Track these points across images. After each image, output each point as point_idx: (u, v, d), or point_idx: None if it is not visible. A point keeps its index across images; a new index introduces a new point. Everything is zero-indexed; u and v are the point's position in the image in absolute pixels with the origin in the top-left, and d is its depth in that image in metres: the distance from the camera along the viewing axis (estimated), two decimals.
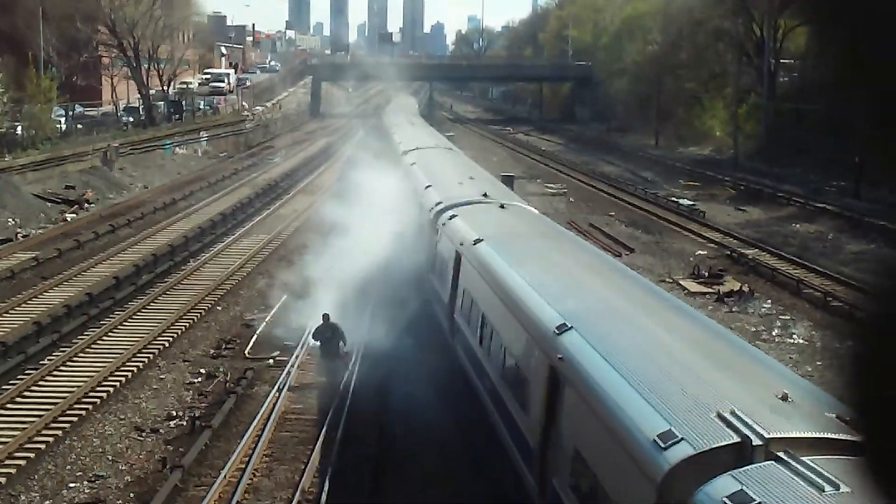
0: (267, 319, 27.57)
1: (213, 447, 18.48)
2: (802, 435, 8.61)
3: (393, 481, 17.11)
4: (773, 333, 27.91)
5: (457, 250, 20.78)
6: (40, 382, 21.93)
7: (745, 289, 32.58)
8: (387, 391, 21.15)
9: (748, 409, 9.04)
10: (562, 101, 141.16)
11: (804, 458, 8.09)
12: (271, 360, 24.19)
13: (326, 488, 16.25)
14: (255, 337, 26.18)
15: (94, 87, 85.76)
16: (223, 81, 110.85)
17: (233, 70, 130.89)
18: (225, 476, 16.78)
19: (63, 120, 67.70)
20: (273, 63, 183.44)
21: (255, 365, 23.76)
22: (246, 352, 25.08)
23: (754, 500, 7.64)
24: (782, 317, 29.71)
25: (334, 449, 17.93)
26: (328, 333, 22.45)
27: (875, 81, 1.72)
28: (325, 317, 22.73)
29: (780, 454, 8.29)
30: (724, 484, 8.09)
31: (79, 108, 74.85)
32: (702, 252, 40.12)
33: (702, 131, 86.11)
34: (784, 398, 9.33)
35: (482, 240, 19.33)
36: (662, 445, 8.99)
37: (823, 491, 7.49)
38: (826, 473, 7.67)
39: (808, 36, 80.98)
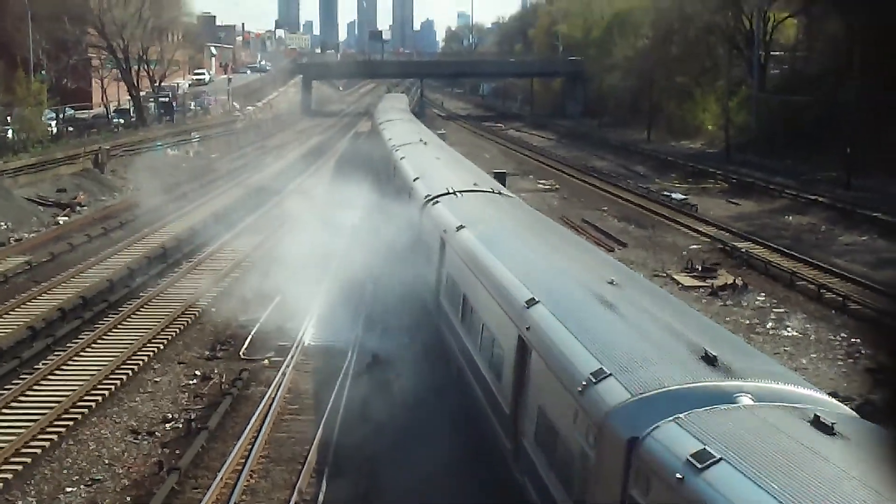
0: (262, 320, 27.53)
1: (210, 449, 18.48)
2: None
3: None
4: (767, 326, 27.95)
5: (441, 236, 21.80)
6: (35, 387, 21.89)
7: (739, 282, 32.61)
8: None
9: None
10: (553, 96, 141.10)
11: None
12: (266, 361, 24.19)
13: (324, 488, 16.28)
14: (249, 337, 26.16)
15: (84, 90, 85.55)
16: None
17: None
18: (222, 478, 16.77)
19: (54, 123, 67.64)
20: (263, 63, 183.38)
21: (250, 366, 23.74)
22: (241, 353, 25.06)
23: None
24: (776, 309, 29.75)
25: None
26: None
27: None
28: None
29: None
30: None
31: (69, 111, 74.77)
32: (695, 246, 40.16)
33: (693, 125, 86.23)
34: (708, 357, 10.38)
35: (464, 226, 20.40)
36: (594, 381, 10.55)
37: None
38: None
39: (798, 27, 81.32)
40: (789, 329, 27.66)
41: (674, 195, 53.83)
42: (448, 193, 24.76)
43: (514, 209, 24.47)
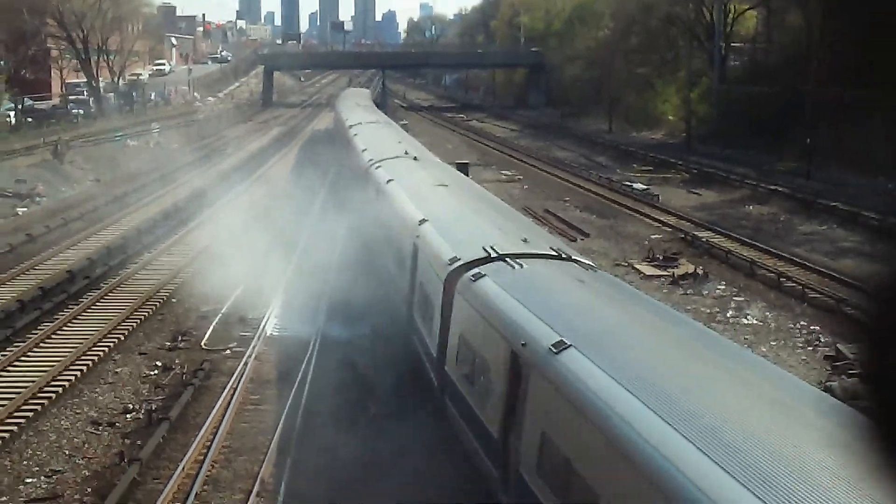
0: (223, 311, 27.44)
1: (171, 440, 18.39)
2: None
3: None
4: (728, 315, 28.13)
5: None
6: None
7: (700, 271, 32.80)
8: None
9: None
10: (515, 87, 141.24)
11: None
12: (228, 351, 24.11)
13: (285, 478, 16.26)
14: (211, 328, 26.06)
15: (43, 80, 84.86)
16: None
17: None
18: (183, 468, 16.70)
19: (12, 114, 67.05)
20: (224, 53, 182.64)
21: (211, 356, 23.65)
22: (202, 343, 24.96)
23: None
24: (736, 298, 29.95)
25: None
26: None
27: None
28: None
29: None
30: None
31: (28, 101, 74.13)
32: (656, 236, 40.36)
33: (655, 115, 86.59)
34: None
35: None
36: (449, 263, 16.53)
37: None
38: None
39: (758, 19, 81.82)
40: (749, 317, 27.85)
41: (635, 185, 54.05)
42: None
43: (437, 169, 26.06)
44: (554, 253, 16.83)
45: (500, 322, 13.42)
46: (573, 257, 16.93)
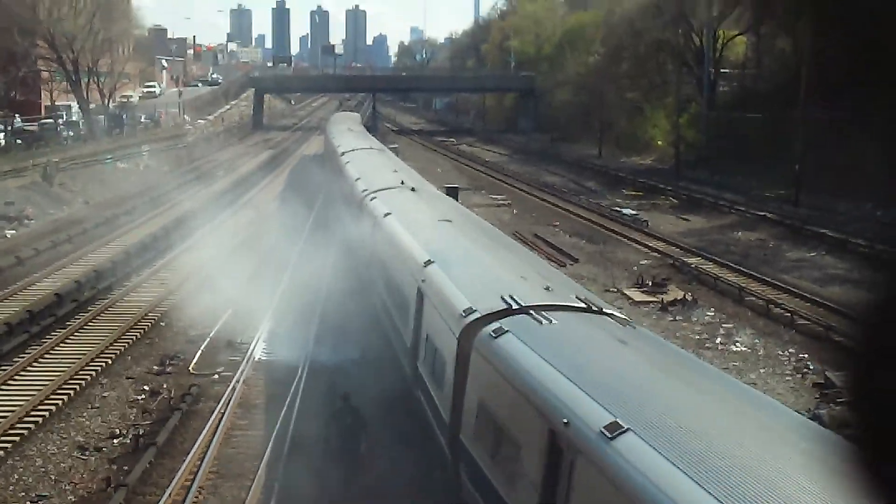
0: (211, 335, 27.38)
1: (158, 465, 18.31)
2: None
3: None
4: (717, 341, 28.15)
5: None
6: None
7: (689, 297, 32.83)
8: None
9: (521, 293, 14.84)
10: (505, 111, 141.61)
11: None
12: (216, 376, 24.03)
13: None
14: (199, 353, 25.98)
15: (33, 102, 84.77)
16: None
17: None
18: (170, 495, 16.61)
19: (1, 135, 66.92)
20: (215, 76, 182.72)
21: (199, 381, 23.57)
22: (190, 368, 24.88)
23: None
24: (725, 325, 29.98)
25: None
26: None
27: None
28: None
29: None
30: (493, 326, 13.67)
31: (18, 122, 74.02)
32: (645, 261, 40.41)
33: (644, 141, 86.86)
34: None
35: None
36: (464, 315, 14.80)
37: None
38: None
39: (747, 45, 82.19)
40: (738, 344, 27.87)
41: (624, 211, 54.16)
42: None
43: (432, 199, 26.08)
44: (583, 305, 14.67)
45: (532, 392, 11.55)
46: (605, 310, 14.81)
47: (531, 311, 13.81)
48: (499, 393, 12.64)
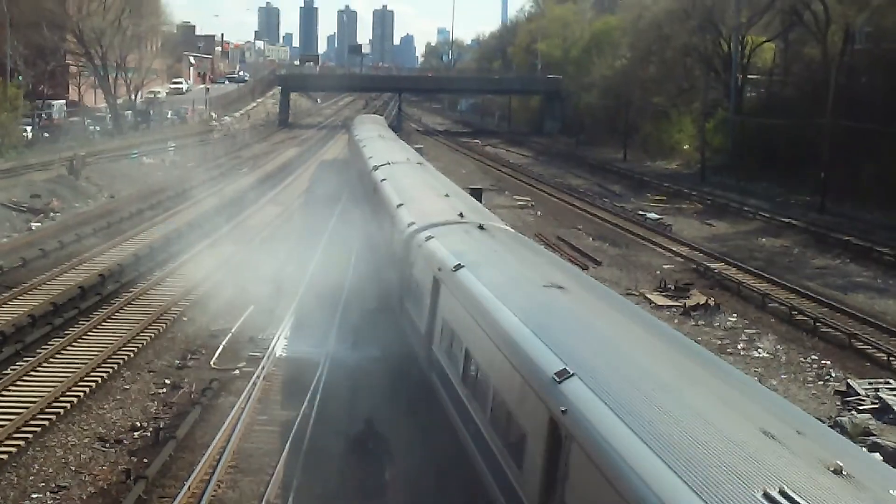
0: (233, 330, 27.46)
1: (178, 458, 18.36)
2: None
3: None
4: (739, 347, 28.05)
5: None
6: (3, 392, 21.70)
7: (711, 302, 32.71)
8: None
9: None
10: (531, 113, 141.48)
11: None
12: (237, 371, 24.09)
13: (291, 500, 16.21)
14: (220, 347, 26.06)
15: (61, 96, 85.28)
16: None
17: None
18: (189, 487, 16.66)
19: (29, 129, 67.34)
20: (242, 73, 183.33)
21: (220, 375, 23.64)
22: (211, 362, 24.95)
23: None
24: (747, 330, 29.86)
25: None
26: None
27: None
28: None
29: None
30: None
31: (49, 110, 74.53)
32: (668, 266, 40.29)
33: (669, 145, 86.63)
34: None
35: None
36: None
37: None
38: None
39: (776, 52, 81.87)
40: (760, 350, 27.76)
41: (649, 215, 54.04)
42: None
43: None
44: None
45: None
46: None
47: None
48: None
